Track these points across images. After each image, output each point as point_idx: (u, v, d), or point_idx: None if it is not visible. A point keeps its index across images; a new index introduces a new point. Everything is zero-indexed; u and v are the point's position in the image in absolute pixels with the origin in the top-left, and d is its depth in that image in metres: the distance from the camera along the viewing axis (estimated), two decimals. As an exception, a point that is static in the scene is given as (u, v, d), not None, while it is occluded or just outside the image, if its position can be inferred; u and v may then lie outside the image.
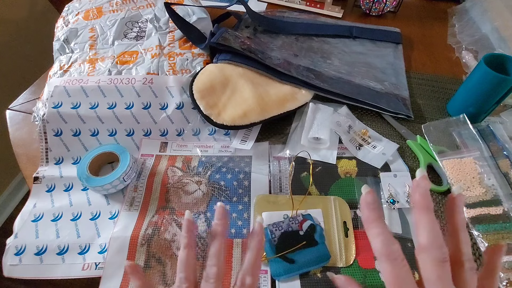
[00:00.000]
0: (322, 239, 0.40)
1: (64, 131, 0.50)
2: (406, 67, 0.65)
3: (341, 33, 0.71)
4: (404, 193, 0.44)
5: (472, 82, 0.51)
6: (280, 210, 0.43)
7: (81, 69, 0.55)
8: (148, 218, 0.43)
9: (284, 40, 0.68)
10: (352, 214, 0.43)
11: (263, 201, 0.44)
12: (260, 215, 0.41)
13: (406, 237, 0.41)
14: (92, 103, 0.50)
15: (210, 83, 0.52)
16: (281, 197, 0.44)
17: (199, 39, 0.60)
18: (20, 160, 0.51)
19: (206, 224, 0.42)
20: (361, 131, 0.52)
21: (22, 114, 0.57)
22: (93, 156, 0.46)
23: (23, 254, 0.40)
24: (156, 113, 0.51)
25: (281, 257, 0.39)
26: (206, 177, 0.47)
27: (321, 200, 0.44)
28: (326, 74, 0.59)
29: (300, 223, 0.41)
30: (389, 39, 0.71)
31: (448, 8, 0.84)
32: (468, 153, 0.47)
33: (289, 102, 0.53)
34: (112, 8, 0.64)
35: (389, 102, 0.56)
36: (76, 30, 0.61)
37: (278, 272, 0.38)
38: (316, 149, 0.50)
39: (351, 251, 0.40)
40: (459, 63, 0.68)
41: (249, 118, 0.49)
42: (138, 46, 0.59)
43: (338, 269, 0.39)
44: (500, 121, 0.54)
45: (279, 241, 0.40)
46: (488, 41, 0.68)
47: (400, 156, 0.50)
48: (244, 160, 0.49)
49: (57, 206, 0.44)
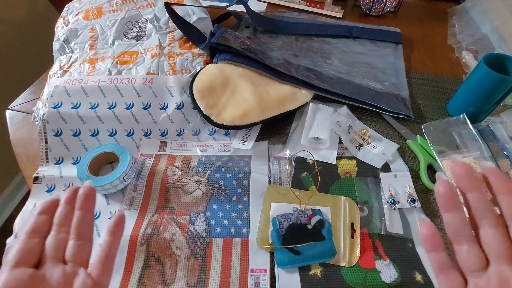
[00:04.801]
0: (329, 235, 0.40)
1: (64, 131, 0.49)
2: (406, 67, 0.65)
3: (341, 33, 0.71)
4: (405, 193, 0.44)
5: (472, 82, 0.51)
6: (290, 202, 0.44)
7: (81, 69, 0.55)
8: (148, 218, 0.43)
9: (284, 40, 0.68)
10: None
11: (274, 191, 0.45)
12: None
13: (407, 237, 0.41)
14: (92, 103, 0.50)
15: (210, 83, 0.52)
16: (292, 190, 0.45)
17: (199, 39, 0.60)
18: (20, 160, 0.51)
19: (206, 223, 0.42)
20: (361, 131, 0.52)
21: (22, 114, 0.57)
22: (93, 156, 0.46)
23: (23, 254, 0.40)
24: (156, 113, 0.51)
25: (287, 247, 0.39)
26: (206, 176, 0.47)
27: (331, 199, 0.44)
28: (326, 74, 0.59)
29: (309, 217, 0.41)
30: (389, 39, 0.71)
31: (448, 8, 0.84)
32: (468, 153, 0.47)
33: (289, 102, 0.53)
34: (112, 8, 0.64)
35: (389, 102, 0.56)
36: (76, 30, 0.61)
37: (283, 261, 0.38)
38: (316, 149, 0.50)
39: (355, 253, 0.40)
40: (459, 63, 0.68)
41: (249, 118, 0.49)
42: (138, 46, 0.59)
43: (339, 268, 0.39)
44: (500, 121, 0.54)
45: (286, 232, 0.40)
46: (488, 41, 0.68)
47: (400, 156, 0.50)
48: (243, 159, 0.49)
49: (57, 206, 0.44)
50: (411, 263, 0.39)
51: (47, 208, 0.31)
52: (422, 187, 0.46)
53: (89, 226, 0.31)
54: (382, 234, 0.41)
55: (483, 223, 0.24)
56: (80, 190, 0.32)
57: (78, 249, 0.29)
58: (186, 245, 0.40)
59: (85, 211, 0.31)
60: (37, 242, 0.28)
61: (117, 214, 0.33)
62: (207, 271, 0.38)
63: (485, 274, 0.23)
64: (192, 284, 0.37)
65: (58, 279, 0.27)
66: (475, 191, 0.24)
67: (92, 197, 0.32)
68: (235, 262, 0.39)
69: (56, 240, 0.29)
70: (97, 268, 0.29)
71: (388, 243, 0.41)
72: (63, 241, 0.29)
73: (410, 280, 0.38)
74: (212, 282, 0.38)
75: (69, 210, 0.31)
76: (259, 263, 0.39)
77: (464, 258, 0.24)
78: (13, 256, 0.27)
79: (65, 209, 0.31)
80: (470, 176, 0.24)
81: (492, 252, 0.23)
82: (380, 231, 0.42)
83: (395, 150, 0.50)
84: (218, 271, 0.38)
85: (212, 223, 0.42)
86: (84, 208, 0.31)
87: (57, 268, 0.27)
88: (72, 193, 0.32)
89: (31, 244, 0.28)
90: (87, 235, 0.30)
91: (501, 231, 0.23)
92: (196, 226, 0.42)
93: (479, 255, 0.24)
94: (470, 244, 0.24)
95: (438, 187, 0.25)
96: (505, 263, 0.22)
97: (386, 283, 0.37)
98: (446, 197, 0.25)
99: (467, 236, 0.24)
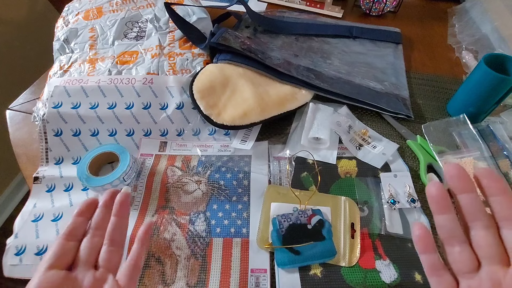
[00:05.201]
0: (329, 235, 0.40)
1: (64, 131, 0.50)
2: (406, 67, 0.65)
3: (341, 33, 0.71)
4: (405, 193, 0.44)
5: (472, 82, 0.51)
6: (290, 202, 0.44)
7: (81, 69, 0.55)
8: (148, 218, 0.43)
9: (284, 40, 0.68)
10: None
11: (274, 191, 0.45)
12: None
13: (407, 237, 0.41)
14: (92, 103, 0.50)
15: (210, 83, 0.52)
16: (292, 190, 0.45)
17: (199, 39, 0.60)
18: (20, 160, 0.51)
19: (206, 223, 0.42)
20: (361, 131, 0.52)
21: (22, 114, 0.57)
22: (93, 156, 0.46)
23: (24, 254, 0.40)
24: (156, 113, 0.51)
25: (288, 247, 0.39)
26: (206, 176, 0.47)
27: (331, 199, 0.44)
28: (326, 74, 0.59)
29: (309, 217, 0.41)
30: (389, 39, 0.71)
31: (448, 8, 0.84)
32: (468, 153, 0.47)
33: (289, 102, 0.53)
34: (112, 8, 0.64)
35: (389, 102, 0.56)
36: (76, 30, 0.61)
37: (283, 261, 0.38)
38: (316, 149, 0.50)
39: (355, 253, 0.40)
40: (459, 63, 0.68)
41: (249, 118, 0.49)
42: (138, 46, 0.59)
43: (339, 268, 0.39)
44: (500, 121, 0.54)
45: (286, 232, 0.40)
46: (488, 41, 0.68)
47: (400, 156, 0.50)
48: (243, 159, 0.49)
49: (57, 206, 0.44)
50: (411, 263, 0.39)
51: (85, 209, 0.32)
52: (422, 187, 0.46)
53: (122, 233, 0.32)
54: (382, 234, 0.41)
55: (474, 225, 0.24)
56: (118, 197, 0.33)
57: (110, 255, 0.30)
58: (186, 245, 0.40)
59: (120, 218, 0.32)
60: (73, 245, 0.30)
61: (146, 223, 0.34)
62: (207, 271, 0.38)
63: (477, 275, 0.23)
64: (192, 284, 0.37)
65: (88, 284, 0.27)
66: (468, 192, 0.24)
67: (127, 203, 0.33)
68: (235, 262, 0.39)
69: (91, 244, 0.30)
70: (125, 275, 0.30)
71: (388, 243, 0.41)
72: (96, 245, 0.30)
73: (410, 280, 0.38)
74: (212, 282, 0.38)
75: (105, 214, 0.32)
76: (259, 263, 0.39)
77: (456, 260, 0.24)
78: (48, 258, 0.28)
79: (102, 212, 0.32)
80: (463, 177, 0.24)
81: (484, 253, 0.23)
82: (380, 231, 0.42)
83: (395, 150, 0.50)
84: (218, 271, 0.38)
85: (212, 223, 0.42)
86: (119, 215, 0.32)
87: (89, 273, 0.28)
88: (110, 196, 0.33)
89: (67, 246, 0.29)
90: (119, 242, 0.31)
91: (492, 232, 0.23)
92: (196, 226, 0.42)
93: (471, 257, 0.24)
94: (462, 245, 0.24)
95: (430, 189, 0.25)
96: (497, 264, 0.22)
97: (386, 283, 0.37)
98: (438, 199, 0.25)
99: (459, 238, 0.24)
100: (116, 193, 0.33)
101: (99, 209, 0.32)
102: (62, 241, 0.29)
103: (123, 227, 0.32)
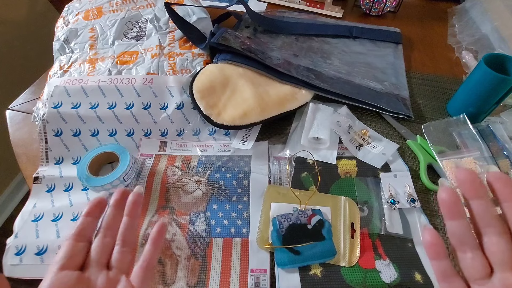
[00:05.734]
0: (329, 235, 0.40)
1: (64, 131, 0.50)
2: (406, 67, 0.65)
3: (341, 33, 0.71)
4: (405, 193, 0.44)
5: (472, 82, 0.51)
6: (290, 202, 0.44)
7: (81, 69, 0.55)
8: (148, 218, 0.43)
9: (284, 40, 0.68)
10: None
11: (274, 191, 0.45)
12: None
13: (407, 237, 0.41)
14: (92, 103, 0.50)
15: (210, 83, 0.52)
16: (292, 190, 0.45)
17: (199, 39, 0.60)
18: (20, 160, 0.51)
19: (206, 223, 0.42)
20: (361, 131, 0.52)
21: (22, 114, 0.57)
22: (93, 156, 0.46)
23: (24, 254, 0.40)
24: (156, 113, 0.51)
25: (287, 247, 0.39)
26: (206, 176, 0.47)
27: (331, 199, 0.44)
28: (326, 74, 0.59)
29: (309, 217, 0.41)
30: (389, 39, 0.71)
31: (448, 8, 0.84)
32: (468, 153, 0.47)
33: (289, 102, 0.53)
34: (112, 8, 0.64)
35: (389, 102, 0.56)
36: (76, 30, 0.61)
37: (283, 261, 0.38)
38: (316, 149, 0.50)
39: (355, 253, 0.40)
40: (459, 63, 0.68)
41: (249, 118, 0.49)
42: (138, 46, 0.59)
43: (339, 268, 0.39)
44: (500, 121, 0.54)
45: (286, 232, 0.40)
46: (488, 41, 0.68)
47: (400, 156, 0.50)
48: (243, 159, 0.49)
49: (57, 206, 0.44)
50: (410, 263, 0.39)
51: (93, 209, 0.32)
52: (422, 187, 0.46)
53: (134, 233, 0.32)
54: (382, 234, 0.41)
55: (487, 231, 0.23)
56: (130, 196, 0.32)
57: (122, 256, 0.30)
58: (186, 245, 0.40)
59: (132, 218, 0.32)
60: (83, 245, 0.29)
61: (159, 223, 0.34)
62: (207, 271, 0.38)
63: (490, 282, 0.23)
64: (192, 284, 0.38)
65: (102, 284, 0.27)
66: (480, 199, 0.24)
67: (139, 203, 0.33)
68: (235, 262, 0.39)
69: (102, 244, 0.30)
70: (138, 276, 0.29)
71: (388, 243, 0.41)
72: (108, 245, 0.30)
73: (410, 280, 0.38)
74: (212, 282, 0.38)
75: (116, 214, 0.32)
76: (259, 263, 0.39)
77: (468, 266, 0.24)
78: (60, 258, 0.28)
79: (113, 212, 0.32)
80: (474, 183, 0.24)
81: (496, 260, 0.23)
82: (380, 231, 0.42)
83: (395, 150, 0.50)
84: (218, 271, 0.38)
85: (212, 223, 0.42)
86: (131, 215, 0.32)
87: (102, 274, 0.28)
88: (120, 196, 0.33)
89: (78, 247, 0.29)
90: (131, 242, 0.31)
91: (505, 238, 0.23)
92: (196, 226, 0.42)
93: (483, 263, 0.23)
94: (474, 252, 0.24)
95: (441, 195, 0.24)
96: (510, 271, 0.22)
97: (386, 283, 0.37)
98: (450, 204, 0.24)
99: (471, 244, 0.24)
100: (126, 192, 0.33)
101: (110, 208, 0.32)
102: (72, 242, 0.29)
103: (135, 227, 0.32)
